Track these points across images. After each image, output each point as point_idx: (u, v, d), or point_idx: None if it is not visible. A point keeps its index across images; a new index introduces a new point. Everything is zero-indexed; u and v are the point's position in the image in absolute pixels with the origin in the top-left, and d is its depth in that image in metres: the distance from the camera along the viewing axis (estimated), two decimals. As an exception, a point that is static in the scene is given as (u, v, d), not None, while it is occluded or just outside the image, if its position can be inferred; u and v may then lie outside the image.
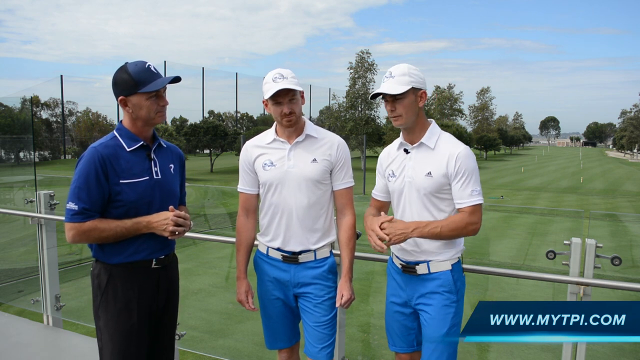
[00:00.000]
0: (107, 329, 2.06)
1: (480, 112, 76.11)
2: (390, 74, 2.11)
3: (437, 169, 2.10)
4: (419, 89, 2.12)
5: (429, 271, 2.15)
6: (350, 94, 49.56)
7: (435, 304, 2.14)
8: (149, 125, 2.09)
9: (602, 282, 2.40)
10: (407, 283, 2.22)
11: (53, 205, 3.84)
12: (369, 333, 6.51)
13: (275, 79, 2.15)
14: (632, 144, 74.88)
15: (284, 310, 2.37)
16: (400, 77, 2.08)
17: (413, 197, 2.15)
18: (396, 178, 2.22)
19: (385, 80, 2.11)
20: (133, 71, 1.99)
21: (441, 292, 2.13)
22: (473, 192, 2.07)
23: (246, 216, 2.42)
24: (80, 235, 1.97)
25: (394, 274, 2.31)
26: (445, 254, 2.15)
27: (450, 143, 2.14)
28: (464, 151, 2.09)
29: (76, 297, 7.20)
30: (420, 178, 2.12)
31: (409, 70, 2.10)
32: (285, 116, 2.19)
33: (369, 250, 2.65)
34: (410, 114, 2.11)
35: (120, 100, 2.03)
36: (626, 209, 21.00)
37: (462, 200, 2.08)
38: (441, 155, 2.11)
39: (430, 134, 2.16)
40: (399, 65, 2.12)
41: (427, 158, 2.14)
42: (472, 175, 2.08)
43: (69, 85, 68.38)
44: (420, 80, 2.11)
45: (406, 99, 2.09)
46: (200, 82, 53.52)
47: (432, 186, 2.10)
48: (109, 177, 1.98)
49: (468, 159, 2.08)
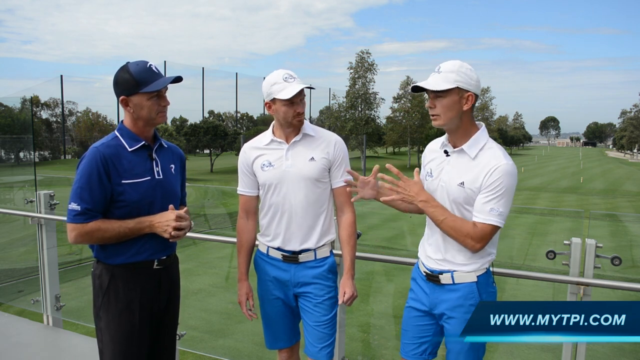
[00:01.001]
0: (108, 330, 2.06)
1: (480, 112, 76.09)
2: (438, 68, 1.95)
3: (470, 182, 1.94)
4: (466, 90, 1.92)
5: (453, 282, 2.04)
6: (350, 94, 49.58)
7: (458, 317, 2.03)
8: (150, 125, 2.09)
9: (602, 282, 2.40)
10: (432, 291, 2.12)
11: (53, 205, 3.84)
12: (369, 333, 6.51)
13: (287, 79, 2.16)
14: (632, 144, 74.89)
15: (284, 310, 2.37)
16: (447, 73, 1.91)
17: (444, 203, 2.02)
18: (433, 178, 2.10)
19: (431, 75, 1.95)
20: (134, 71, 1.98)
21: (465, 305, 2.02)
22: (492, 211, 1.88)
23: (246, 218, 2.42)
24: (83, 236, 1.96)
25: (418, 280, 2.22)
26: (471, 265, 2.02)
27: (492, 156, 1.93)
28: (505, 167, 1.88)
29: (76, 297, 7.20)
30: (452, 186, 1.99)
31: (459, 68, 1.92)
32: (297, 115, 2.20)
33: (369, 250, 2.65)
34: (450, 116, 1.94)
35: (121, 100, 2.02)
36: (626, 209, 21.01)
37: (477, 214, 1.92)
38: (479, 167, 1.93)
39: (474, 142, 1.98)
40: (451, 61, 1.95)
41: (465, 167, 1.98)
42: (502, 194, 1.88)
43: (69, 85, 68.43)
44: (471, 81, 1.92)
45: (447, 98, 1.92)
46: (200, 82, 53.61)
47: (462, 197, 1.96)
48: (111, 177, 1.98)
49: (505, 176, 1.88)
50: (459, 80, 1.90)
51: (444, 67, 1.94)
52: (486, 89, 76.97)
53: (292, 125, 2.25)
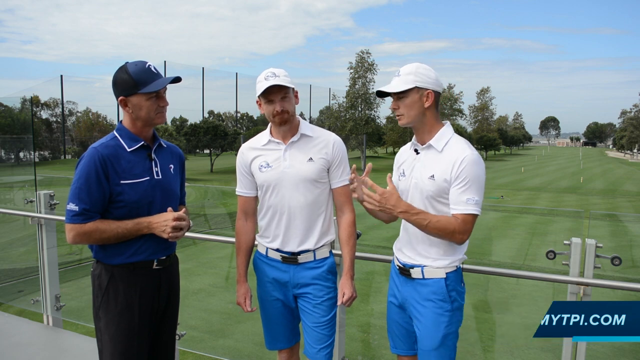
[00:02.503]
0: (107, 330, 2.05)
1: (480, 112, 76.14)
2: (398, 72, 2.08)
3: (440, 173, 2.03)
4: (425, 88, 2.04)
5: (423, 276, 2.10)
6: (350, 94, 49.55)
7: (427, 312, 2.09)
8: (149, 125, 2.09)
9: (602, 282, 2.40)
10: (403, 285, 2.20)
11: (53, 205, 3.84)
12: (369, 333, 6.51)
13: (267, 77, 2.15)
14: (632, 144, 74.86)
15: (284, 311, 2.37)
16: (405, 75, 2.04)
17: (416, 198, 2.10)
18: (405, 178, 2.18)
19: (393, 79, 2.09)
20: (133, 71, 1.98)
21: (434, 300, 2.08)
22: (469, 201, 1.96)
23: (245, 219, 2.41)
24: (81, 236, 1.96)
25: (393, 274, 2.30)
26: (441, 261, 2.08)
27: (458, 147, 2.04)
28: (470, 157, 1.98)
29: (76, 297, 7.20)
30: (424, 180, 2.07)
31: (417, 69, 2.04)
32: (278, 114, 2.17)
33: (368, 250, 2.65)
34: (413, 114, 2.06)
35: (120, 100, 2.02)
36: (626, 209, 21.00)
37: (456, 207, 1.99)
38: (447, 159, 2.03)
39: (439, 137, 2.08)
40: (409, 64, 2.08)
41: (433, 161, 2.07)
42: (473, 183, 1.97)
43: (69, 85, 68.29)
44: (428, 79, 2.04)
45: (408, 98, 2.05)
46: (200, 82, 53.63)
47: (434, 189, 2.04)
48: (109, 177, 1.98)
49: (473, 165, 1.97)
50: (417, 80, 2.03)
51: (403, 70, 2.07)
52: (486, 89, 77.07)
53: (275, 123, 2.24)
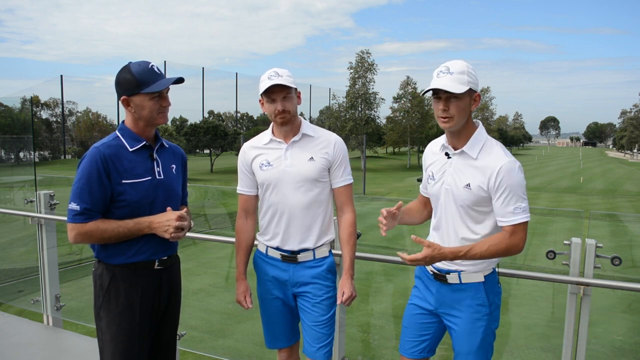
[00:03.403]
0: (109, 330, 2.06)
1: (480, 112, 76.07)
2: (447, 69, 1.89)
3: (476, 182, 1.92)
4: (475, 91, 1.93)
5: (460, 281, 2.03)
6: (350, 94, 49.54)
7: (465, 317, 2.03)
8: (151, 125, 2.09)
9: (602, 282, 2.40)
10: (438, 290, 2.12)
11: (53, 205, 3.84)
12: (369, 333, 6.51)
13: (270, 77, 2.16)
14: (632, 144, 74.85)
15: (284, 310, 2.37)
16: (459, 74, 1.87)
17: (450, 207, 2.01)
18: (435, 182, 2.08)
19: (440, 76, 1.89)
20: (136, 71, 1.98)
21: (472, 305, 2.02)
22: (516, 210, 1.88)
23: (245, 217, 2.42)
24: (82, 235, 1.97)
25: (424, 278, 2.21)
26: (478, 265, 2.02)
27: (494, 154, 1.93)
28: (507, 165, 1.88)
29: (76, 297, 7.21)
30: (458, 189, 1.97)
31: (468, 68, 1.89)
32: (279, 113, 2.19)
33: (368, 250, 2.65)
34: (462, 117, 1.92)
35: (122, 100, 2.02)
36: (626, 209, 20.99)
37: (503, 219, 1.90)
38: (482, 167, 1.92)
39: (474, 142, 1.96)
40: (457, 61, 1.91)
41: (468, 168, 1.96)
42: (516, 191, 1.87)
43: (69, 85, 68.31)
44: (477, 82, 1.92)
45: (462, 101, 1.89)
46: (200, 82, 53.59)
47: (471, 199, 1.94)
48: (111, 177, 1.98)
49: (511, 173, 1.87)
50: (471, 81, 1.89)
51: (454, 67, 1.89)
52: (486, 89, 76.90)
53: (276, 123, 2.25)
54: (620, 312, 7.49)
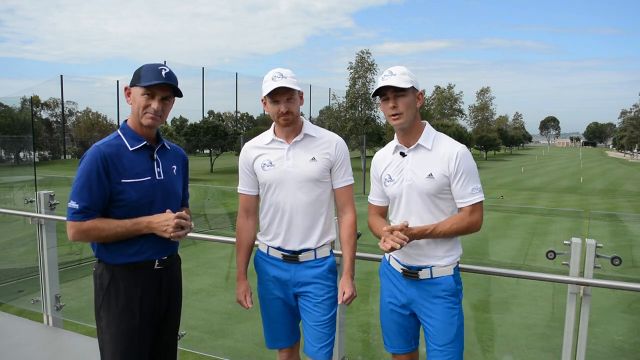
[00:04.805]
0: (108, 329, 2.06)
1: (480, 112, 76.05)
2: (390, 72, 2.11)
3: (438, 170, 2.11)
4: (417, 89, 2.15)
5: (432, 276, 2.16)
6: (350, 94, 49.51)
7: (439, 309, 2.15)
8: (143, 125, 2.08)
9: (602, 282, 2.41)
10: (408, 287, 2.22)
11: (53, 205, 3.84)
12: (369, 333, 6.51)
13: (274, 78, 2.17)
14: (632, 144, 74.85)
15: (284, 310, 2.38)
16: (401, 75, 2.09)
17: (414, 199, 2.15)
18: (394, 182, 2.21)
19: (385, 79, 2.10)
20: (145, 67, 2.05)
21: (444, 297, 2.14)
22: (473, 190, 2.09)
23: (246, 217, 2.42)
24: (80, 234, 1.97)
25: (391, 276, 2.31)
26: (447, 258, 2.16)
27: (447, 143, 2.15)
28: (462, 150, 2.11)
29: (76, 297, 7.21)
30: (421, 180, 2.12)
31: (408, 70, 2.13)
32: (282, 115, 2.20)
33: (368, 250, 2.65)
34: (410, 113, 2.12)
35: (125, 88, 2.11)
36: (626, 209, 20.99)
37: (463, 200, 2.11)
38: (440, 155, 2.12)
39: (426, 135, 2.17)
40: (398, 66, 2.14)
41: (426, 159, 2.14)
42: (471, 173, 2.10)
43: (69, 85, 68.18)
44: (417, 82, 2.15)
45: (408, 97, 2.10)
46: (200, 82, 53.54)
47: (434, 187, 2.11)
48: (110, 176, 1.99)
49: (467, 157, 2.10)
50: (412, 81, 2.11)
51: (396, 70, 2.11)
52: (486, 89, 76.92)
53: (279, 124, 2.26)
54: (620, 312, 7.50)
